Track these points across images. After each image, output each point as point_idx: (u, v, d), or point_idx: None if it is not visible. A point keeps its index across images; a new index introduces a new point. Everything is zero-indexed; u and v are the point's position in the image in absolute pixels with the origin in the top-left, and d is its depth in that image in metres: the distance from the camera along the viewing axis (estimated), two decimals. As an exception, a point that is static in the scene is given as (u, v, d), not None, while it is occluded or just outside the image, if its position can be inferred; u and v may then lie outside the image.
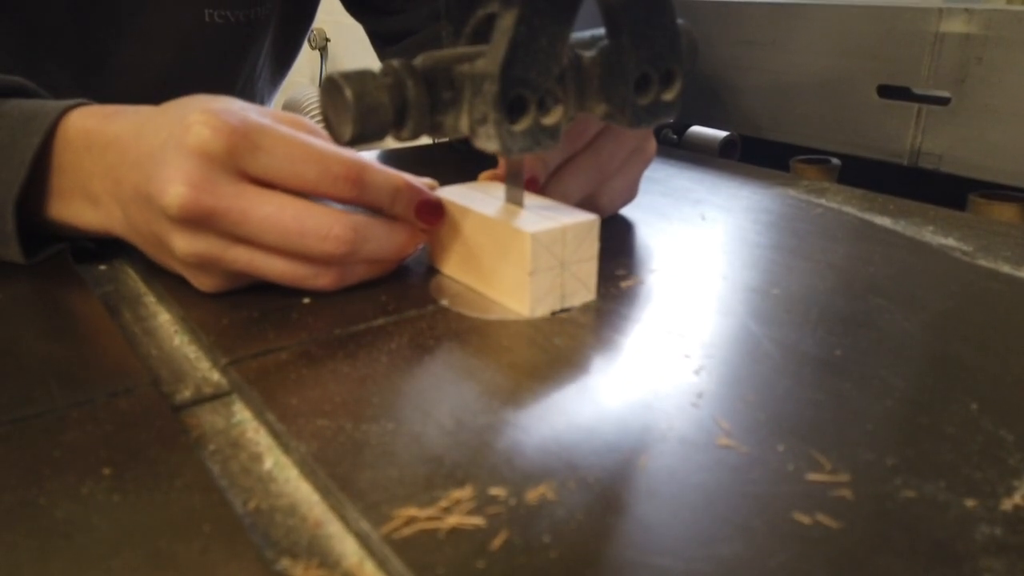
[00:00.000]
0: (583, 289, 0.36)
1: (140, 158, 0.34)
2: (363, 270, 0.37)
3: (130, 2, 0.57)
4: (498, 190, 0.38)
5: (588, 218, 0.35)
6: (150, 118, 0.35)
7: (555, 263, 0.34)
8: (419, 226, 0.37)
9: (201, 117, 0.32)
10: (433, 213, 0.37)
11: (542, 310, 0.34)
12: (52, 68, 0.57)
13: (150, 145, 0.34)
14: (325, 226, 0.33)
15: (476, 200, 0.37)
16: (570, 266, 0.35)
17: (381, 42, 0.72)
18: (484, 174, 0.41)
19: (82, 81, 0.59)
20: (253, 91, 0.71)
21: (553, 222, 0.34)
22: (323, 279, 0.35)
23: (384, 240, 0.36)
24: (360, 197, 0.35)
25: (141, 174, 0.34)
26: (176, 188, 0.31)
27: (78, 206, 0.38)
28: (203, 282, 0.35)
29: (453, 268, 0.38)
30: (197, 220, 0.32)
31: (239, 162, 0.33)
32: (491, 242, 0.35)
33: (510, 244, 0.34)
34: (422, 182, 0.38)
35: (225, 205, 0.32)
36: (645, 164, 0.47)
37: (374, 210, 0.36)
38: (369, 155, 0.64)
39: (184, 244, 0.33)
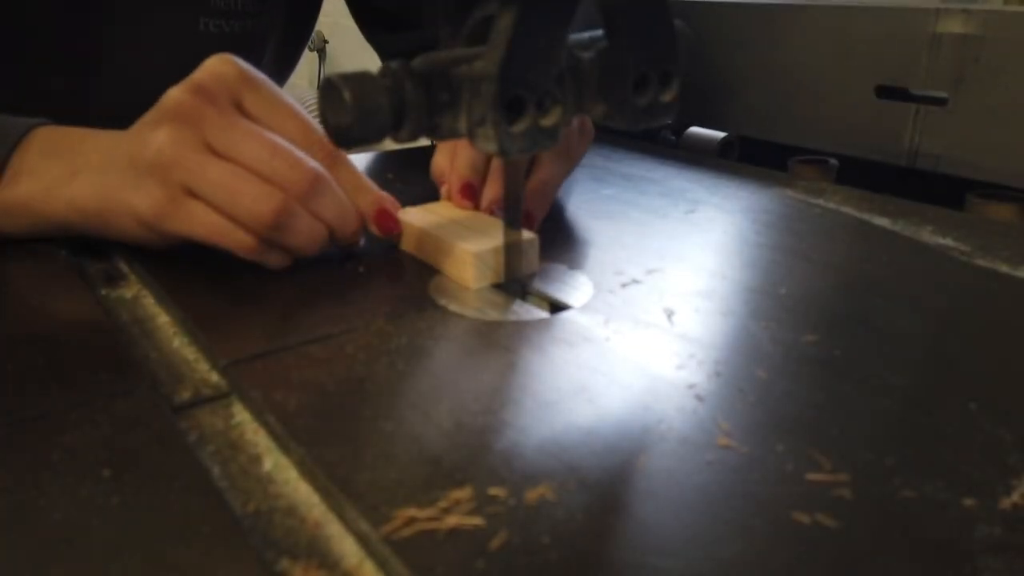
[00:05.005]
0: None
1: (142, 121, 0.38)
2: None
3: (124, 10, 0.57)
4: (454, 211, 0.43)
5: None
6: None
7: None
8: (373, 228, 0.40)
9: (219, 55, 0.38)
10: (390, 223, 0.40)
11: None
12: (45, 76, 0.57)
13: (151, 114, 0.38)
14: (295, 158, 0.36)
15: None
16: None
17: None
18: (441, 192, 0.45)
19: (74, 87, 0.58)
20: None
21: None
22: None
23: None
24: (328, 169, 0.38)
25: (141, 122, 0.38)
26: (180, 88, 0.36)
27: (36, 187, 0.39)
28: (148, 197, 0.36)
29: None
30: (186, 115, 0.36)
31: (238, 92, 0.37)
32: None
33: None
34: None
35: (216, 111, 0.36)
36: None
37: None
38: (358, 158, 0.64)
39: (164, 135, 0.36)
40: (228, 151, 0.36)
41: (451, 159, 0.45)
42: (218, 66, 0.37)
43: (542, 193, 0.44)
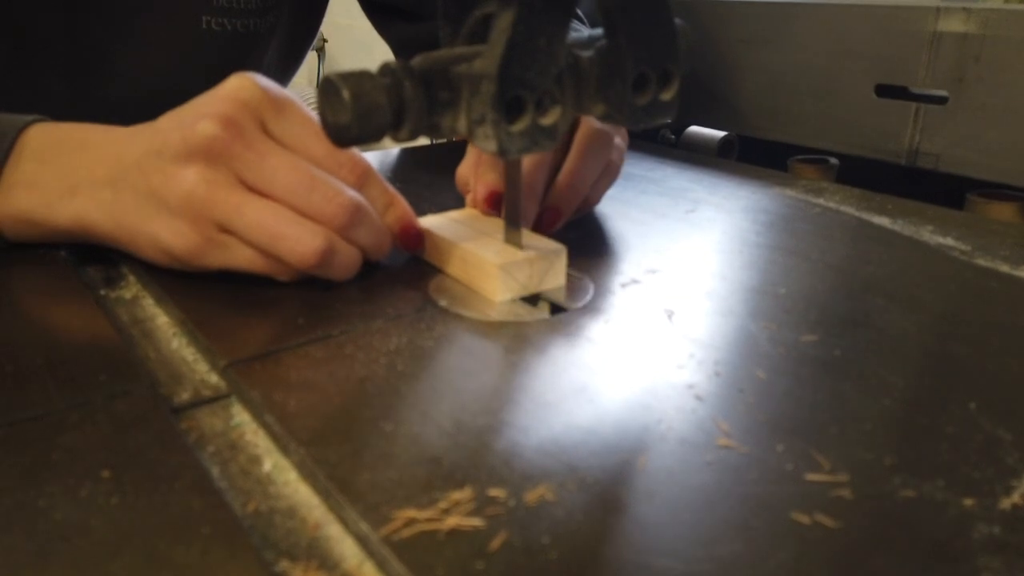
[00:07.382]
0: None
1: (155, 127, 0.37)
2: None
3: (125, 8, 0.57)
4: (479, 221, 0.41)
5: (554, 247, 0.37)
6: (150, 124, 0.38)
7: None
8: (398, 244, 0.40)
9: (240, 75, 0.36)
10: (415, 240, 0.40)
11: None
12: (46, 77, 0.57)
13: (169, 119, 0.37)
14: (334, 190, 0.35)
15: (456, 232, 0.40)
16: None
17: (408, 54, 0.71)
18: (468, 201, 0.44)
19: (77, 89, 0.58)
20: None
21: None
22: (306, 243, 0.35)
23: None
24: (359, 189, 0.37)
25: (154, 135, 0.36)
26: (208, 121, 0.34)
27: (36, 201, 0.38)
28: (181, 237, 0.35)
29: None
30: (218, 153, 0.34)
31: (263, 116, 0.36)
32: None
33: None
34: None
35: (245, 145, 0.35)
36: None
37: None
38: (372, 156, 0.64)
39: (195, 175, 0.34)
40: (263, 186, 0.35)
41: (476, 167, 0.44)
42: (241, 90, 0.36)
43: (572, 188, 0.43)
